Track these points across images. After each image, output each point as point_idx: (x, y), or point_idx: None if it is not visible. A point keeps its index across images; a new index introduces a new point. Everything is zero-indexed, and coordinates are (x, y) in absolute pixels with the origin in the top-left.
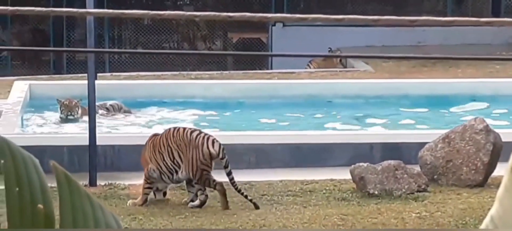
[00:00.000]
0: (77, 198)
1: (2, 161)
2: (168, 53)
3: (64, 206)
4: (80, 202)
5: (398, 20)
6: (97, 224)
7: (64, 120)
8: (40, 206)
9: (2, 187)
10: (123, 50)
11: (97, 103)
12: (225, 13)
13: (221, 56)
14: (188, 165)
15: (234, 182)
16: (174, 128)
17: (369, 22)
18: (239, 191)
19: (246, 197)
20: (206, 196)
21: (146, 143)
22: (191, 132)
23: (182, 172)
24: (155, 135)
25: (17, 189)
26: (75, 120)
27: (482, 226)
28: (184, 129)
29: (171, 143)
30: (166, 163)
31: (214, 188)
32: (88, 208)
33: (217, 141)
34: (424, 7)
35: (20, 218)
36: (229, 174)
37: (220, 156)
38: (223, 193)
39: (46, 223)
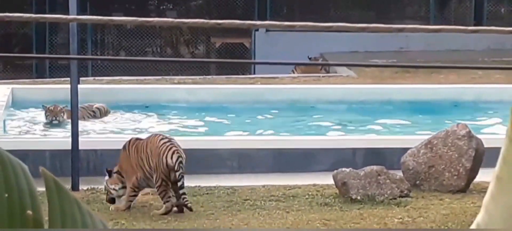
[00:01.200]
0: (66, 203)
1: None
2: (151, 60)
3: (53, 211)
4: (70, 208)
5: (386, 28)
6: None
7: (49, 125)
8: (29, 212)
9: None
10: (106, 57)
11: (83, 105)
12: (213, 21)
13: (204, 61)
14: (154, 172)
15: (184, 196)
16: (154, 134)
17: (357, 30)
18: (185, 204)
19: (190, 208)
20: (171, 204)
21: (127, 149)
22: (160, 139)
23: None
24: (137, 139)
25: (6, 195)
26: (59, 125)
27: None
28: (156, 135)
29: (147, 149)
30: (146, 169)
31: (164, 203)
32: (77, 214)
33: (177, 152)
34: (407, 13)
35: (9, 224)
36: (180, 188)
37: (175, 168)
38: (167, 211)
39: (35, 229)
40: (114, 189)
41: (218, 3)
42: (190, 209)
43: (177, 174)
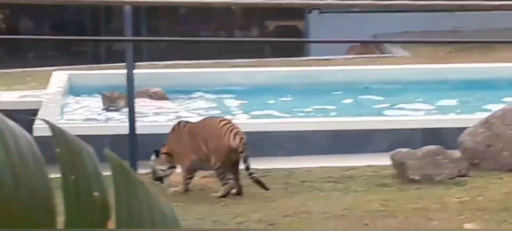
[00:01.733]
0: (132, 186)
1: (58, 150)
2: (204, 41)
3: (119, 194)
4: (136, 190)
5: (444, 5)
6: (152, 213)
7: (106, 111)
8: (96, 193)
9: (59, 175)
10: (160, 38)
11: (140, 89)
12: (262, 1)
13: (259, 43)
14: (212, 154)
15: (252, 175)
16: (210, 117)
17: (415, 8)
18: (259, 183)
19: (263, 185)
20: (231, 186)
21: (178, 131)
22: (220, 121)
23: (211, 161)
24: (187, 122)
25: (73, 177)
26: (117, 111)
27: None
28: (216, 118)
29: (204, 131)
30: (204, 151)
31: (223, 184)
32: (143, 196)
33: (240, 133)
34: None
35: (76, 206)
36: (247, 168)
37: (240, 149)
38: (226, 193)
39: (102, 211)
40: (161, 170)
41: None
42: (265, 187)
43: (242, 155)
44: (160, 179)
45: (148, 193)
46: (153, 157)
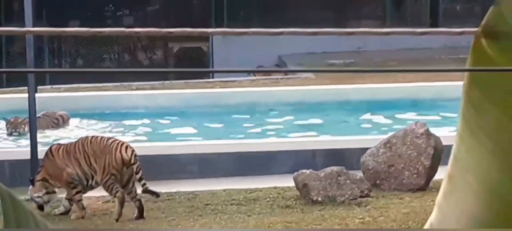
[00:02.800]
0: (22, 215)
1: None
2: (108, 71)
3: (8, 224)
4: (25, 219)
5: (337, 32)
6: None
7: (10, 136)
8: None
9: None
10: (63, 69)
11: (47, 113)
12: (165, 29)
13: (162, 66)
14: (100, 169)
15: (146, 187)
16: (91, 136)
17: (309, 35)
18: (150, 192)
19: (156, 195)
20: (122, 193)
21: (51, 156)
22: (107, 139)
23: (97, 177)
24: (60, 145)
25: None
26: (20, 137)
27: None
28: (101, 136)
29: (88, 149)
30: (83, 169)
31: (114, 196)
32: (32, 225)
33: (130, 147)
34: (364, 12)
35: None
36: (140, 179)
37: (132, 161)
38: (121, 202)
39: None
40: (38, 197)
41: (175, 8)
42: (157, 195)
43: (135, 166)
44: (41, 206)
45: (38, 222)
46: (30, 187)
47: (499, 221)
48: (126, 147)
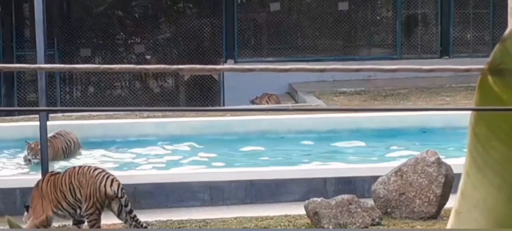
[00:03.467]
0: None
1: None
2: (121, 110)
3: None
4: None
5: (343, 69)
6: None
7: (28, 162)
8: None
9: None
10: (73, 108)
11: (60, 132)
12: (175, 66)
13: (173, 94)
14: (84, 200)
15: (136, 218)
16: (78, 166)
17: (316, 71)
18: (141, 225)
19: (141, 225)
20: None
21: (39, 187)
22: (94, 170)
23: (82, 207)
24: (52, 174)
25: None
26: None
27: None
28: (88, 166)
29: (74, 180)
30: (68, 201)
31: (90, 224)
32: None
33: (116, 180)
34: (374, 40)
35: None
36: (130, 212)
37: (119, 195)
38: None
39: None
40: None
41: (186, 36)
42: (145, 228)
43: (123, 200)
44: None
45: None
46: (25, 213)
47: None
48: (112, 180)
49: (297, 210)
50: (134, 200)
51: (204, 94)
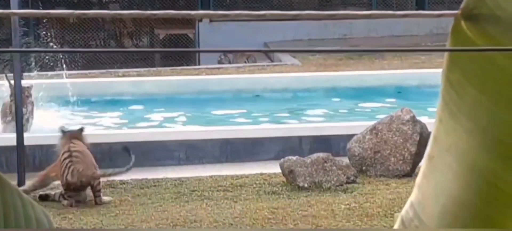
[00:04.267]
0: (8, 194)
1: None
2: (94, 51)
3: None
4: (11, 198)
5: (319, 15)
6: (28, 220)
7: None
8: None
9: None
10: (48, 49)
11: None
12: (149, 11)
13: (148, 53)
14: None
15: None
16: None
17: (290, 17)
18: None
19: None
20: (69, 202)
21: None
22: (63, 156)
23: None
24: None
25: None
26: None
27: (402, 212)
28: (64, 152)
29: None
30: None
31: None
32: (18, 204)
33: (76, 168)
34: (349, 0)
35: None
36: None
37: (94, 182)
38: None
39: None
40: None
41: None
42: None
43: (100, 178)
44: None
45: (24, 201)
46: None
47: (478, 201)
48: (72, 170)
49: (273, 168)
50: (110, 159)
51: (179, 54)
